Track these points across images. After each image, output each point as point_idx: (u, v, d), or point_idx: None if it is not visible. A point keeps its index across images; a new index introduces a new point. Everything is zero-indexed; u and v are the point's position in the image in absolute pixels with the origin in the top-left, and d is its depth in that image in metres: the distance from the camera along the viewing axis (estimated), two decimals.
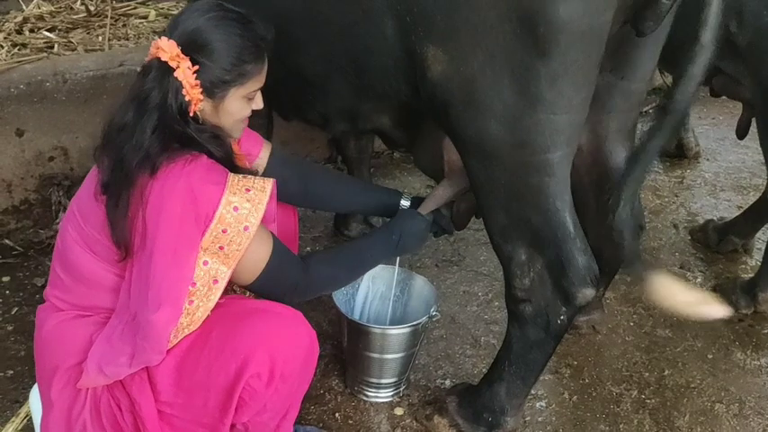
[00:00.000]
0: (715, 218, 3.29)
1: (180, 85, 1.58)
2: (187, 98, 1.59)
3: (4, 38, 3.31)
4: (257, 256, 1.67)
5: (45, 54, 3.17)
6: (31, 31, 3.43)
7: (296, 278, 1.77)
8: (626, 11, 1.61)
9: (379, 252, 2.00)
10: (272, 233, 1.72)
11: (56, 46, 3.31)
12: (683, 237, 3.25)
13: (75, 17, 3.63)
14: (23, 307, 2.63)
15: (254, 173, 1.78)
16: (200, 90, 1.60)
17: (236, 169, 1.67)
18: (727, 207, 3.50)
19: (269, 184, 1.65)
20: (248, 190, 1.61)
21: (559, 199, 1.74)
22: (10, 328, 2.53)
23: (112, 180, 1.58)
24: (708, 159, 3.97)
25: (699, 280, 2.94)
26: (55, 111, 2.89)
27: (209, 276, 1.61)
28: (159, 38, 1.61)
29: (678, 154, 3.92)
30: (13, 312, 2.60)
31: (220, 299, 1.67)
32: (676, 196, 3.59)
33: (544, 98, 1.59)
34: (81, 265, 1.67)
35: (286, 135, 3.34)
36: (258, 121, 2.83)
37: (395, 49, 1.74)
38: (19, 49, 3.23)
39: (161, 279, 1.53)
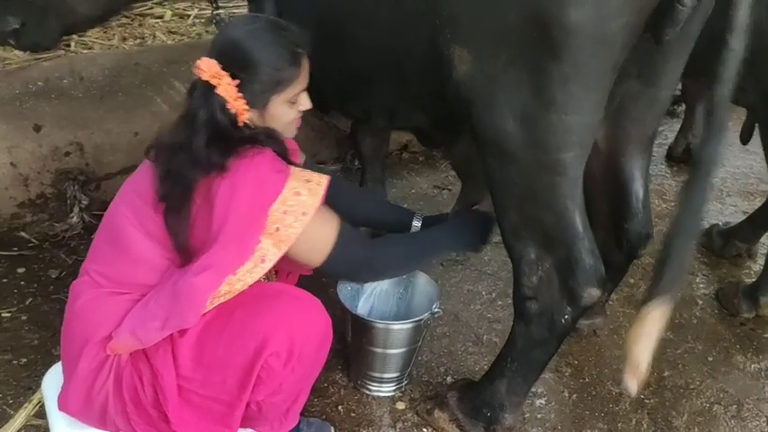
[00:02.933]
0: (720, 223, 3.31)
1: (224, 101, 1.67)
2: (233, 111, 1.68)
3: None
4: (323, 237, 1.77)
5: (62, 52, 3.26)
6: None
7: (366, 258, 1.89)
8: (642, 17, 1.63)
9: (447, 245, 2.10)
10: (338, 216, 1.81)
11: (73, 44, 3.40)
12: None
13: None
14: (37, 298, 2.70)
15: (302, 167, 1.86)
16: (244, 102, 1.69)
17: (289, 162, 1.77)
18: (732, 212, 3.52)
19: (325, 179, 1.76)
20: (308, 181, 1.73)
21: (570, 199, 1.79)
22: (24, 318, 2.60)
23: (171, 193, 1.67)
24: None
25: (702, 284, 2.97)
26: (71, 107, 2.97)
27: (259, 255, 1.69)
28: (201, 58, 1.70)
29: (686, 159, 3.94)
30: (27, 303, 2.67)
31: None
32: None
33: (556, 99, 1.64)
34: (131, 244, 1.74)
35: (296, 135, 3.39)
36: None
37: (429, 50, 1.81)
38: None
39: (218, 251, 1.63)
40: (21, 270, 2.85)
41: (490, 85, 1.70)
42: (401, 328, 2.19)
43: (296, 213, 1.69)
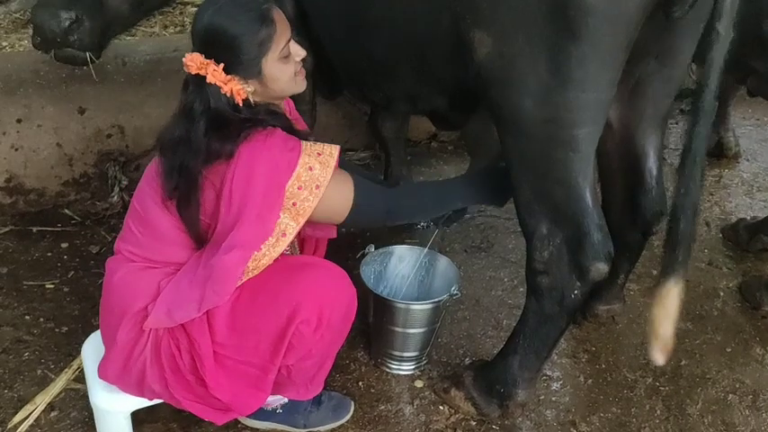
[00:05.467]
0: (748, 217, 3.30)
1: (216, 87, 1.74)
2: (228, 94, 1.75)
3: None
4: (341, 200, 1.86)
5: None
6: None
7: (383, 209, 1.99)
8: None
9: (465, 196, 2.15)
10: (351, 173, 1.90)
11: None
12: (714, 234, 3.27)
13: None
14: (79, 271, 2.85)
15: (310, 134, 1.96)
16: (237, 80, 1.75)
17: (299, 134, 1.85)
18: (762, 207, 3.50)
19: (336, 150, 1.85)
20: (320, 154, 1.80)
21: (581, 175, 1.86)
22: (66, 289, 2.75)
23: (179, 187, 1.76)
24: (747, 160, 3.95)
25: (725, 277, 2.97)
26: (114, 91, 3.10)
27: (279, 230, 1.79)
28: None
29: (717, 153, 3.92)
30: (69, 276, 2.82)
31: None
32: (711, 195, 3.60)
33: (573, 77, 1.72)
34: (156, 222, 1.85)
35: (327, 122, 3.49)
36: (303, 107, 3.02)
37: (451, 36, 1.88)
38: None
39: (241, 231, 1.72)
40: (64, 245, 3.00)
41: (509, 65, 1.78)
42: (420, 308, 2.26)
43: (310, 187, 1.77)
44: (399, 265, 2.49)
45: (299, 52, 1.86)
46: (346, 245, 2.07)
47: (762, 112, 4.38)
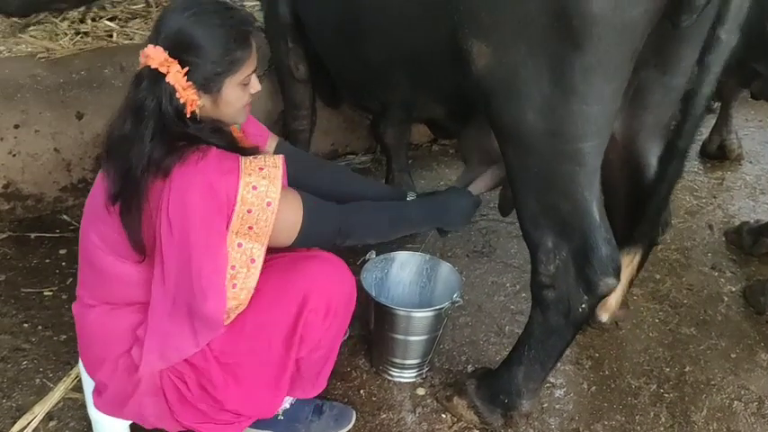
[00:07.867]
0: (752, 220, 3.28)
1: (173, 89, 1.61)
2: (182, 100, 1.63)
3: (69, 26, 3.52)
4: (290, 221, 1.74)
5: (105, 42, 3.36)
6: (93, 19, 3.63)
7: (335, 225, 1.88)
8: (660, 4, 1.65)
9: (422, 219, 2.09)
10: (299, 192, 1.78)
11: (115, 35, 3.50)
12: (717, 238, 3.26)
13: (134, 8, 3.83)
14: (77, 278, 2.81)
15: (257, 151, 1.81)
16: (194, 90, 1.64)
17: (242, 152, 1.71)
18: (765, 210, 3.49)
19: (279, 159, 1.71)
20: (261, 168, 1.67)
21: (588, 189, 1.82)
22: (64, 296, 2.72)
23: (122, 190, 1.63)
24: (750, 162, 3.94)
25: (729, 281, 2.95)
26: (112, 96, 3.07)
27: (245, 257, 1.69)
28: (146, 46, 1.63)
29: (720, 155, 3.91)
30: (68, 282, 2.79)
31: (268, 255, 1.75)
32: (714, 197, 3.59)
33: (577, 89, 1.67)
34: (106, 267, 1.75)
35: (328, 126, 3.48)
36: (302, 112, 3.00)
37: (447, 45, 1.85)
38: (81, 37, 3.43)
39: (198, 273, 1.62)
40: (62, 251, 2.97)
41: (510, 77, 1.73)
42: (422, 315, 2.24)
43: (261, 206, 1.65)
44: (401, 272, 2.47)
45: (256, 86, 1.78)
46: (347, 250, 2.03)
47: (764, 114, 4.37)
